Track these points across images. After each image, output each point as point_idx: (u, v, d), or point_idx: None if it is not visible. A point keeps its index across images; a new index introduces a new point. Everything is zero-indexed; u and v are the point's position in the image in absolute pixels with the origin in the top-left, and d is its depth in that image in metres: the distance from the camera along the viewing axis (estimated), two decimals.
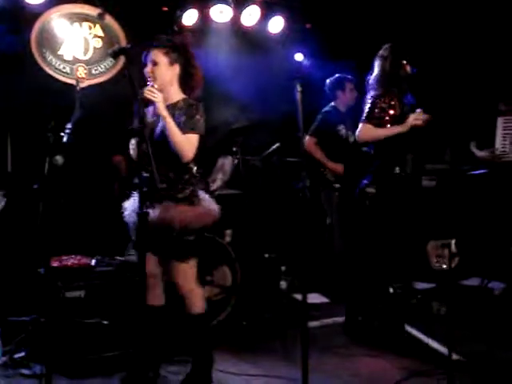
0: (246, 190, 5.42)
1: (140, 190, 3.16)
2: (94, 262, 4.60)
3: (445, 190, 5.50)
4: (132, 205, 3.86)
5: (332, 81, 6.43)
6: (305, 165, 4.00)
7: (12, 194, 4.61)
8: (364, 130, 4.82)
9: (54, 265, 4.40)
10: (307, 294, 3.56)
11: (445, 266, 5.23)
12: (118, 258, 4.75)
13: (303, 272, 3.87)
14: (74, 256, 4.64)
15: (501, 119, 5.39)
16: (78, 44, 6.07)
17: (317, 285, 6.10)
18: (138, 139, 3.48)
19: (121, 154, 5.61)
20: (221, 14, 6.47)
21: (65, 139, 3.90)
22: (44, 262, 3.98)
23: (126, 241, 4.78)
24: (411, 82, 4.89)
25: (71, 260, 4.56)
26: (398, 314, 4.79)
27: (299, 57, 6.87)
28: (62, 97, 5.24)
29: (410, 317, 4.89)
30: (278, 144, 5.86)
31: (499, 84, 5.87)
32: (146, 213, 3.19)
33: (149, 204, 3.62)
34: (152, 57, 3.81)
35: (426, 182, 5.48)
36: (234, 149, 5.50)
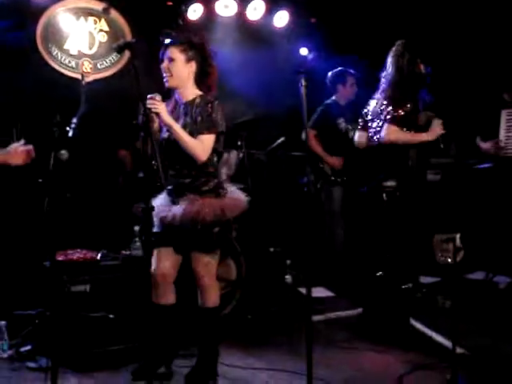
0: (251, 184, 5.43)
1: (145, 183, 3.17)
2: (99, 256, 4.62)
3: (450, 184, 5.49)
4: (159, 202, 3.82)
5: (333, 74, 6.41)
6: (309, 159, 4.00)
7: (18, 189, 4.63)
8: (391, 132, 4.72)
9: (60, 259, 4.42)
10: (312, 288, 3.57)
11: (450, 260, 5.22)
12: (123, 251, 4.77)
13: (308, 266, 3.87)
14: (79, 250, 4.66)
15: (505, 112, 5.38)
16: (84, 38, 6.08)
17: (322, 279, 6.10)
18: (143, 134, 3.49)
19: (126, 149, 5.64)
20: (226, 8, 6.49)
21: (70, 133, 3.91)
22: (50, 255, 4.00)
23: (132, 235, 4.81)
24: (426, 81, 4.84)
25: (77, 254, 4.58)
26: (403, 308, 4.79)
27: (304, 51, 6.87)
28: (68, 91, 5.25)
29: (414, 310, 4.89)
30: (283, 138, 5.87)
31: (504, 77, 5.85)
32: (151, 207, 3.21)
33: (175, 200, 3.65)
34: (169, 53, 3.82)
35: (431, 176, 5.47)
36: (239, 143, 5.51)
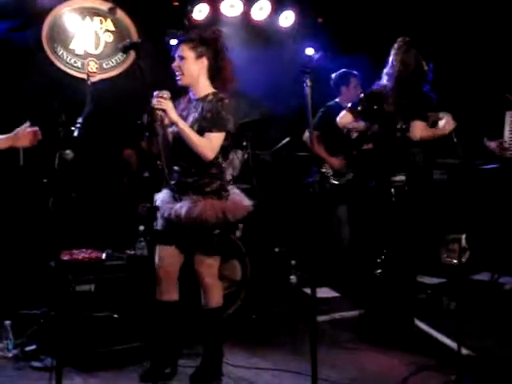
0: (256, 185, 5.42)
1: (150, 183, 3.18)
2: (104, 256, 4.62)
3: (456, 185, 5.48)
4: (161, 197, 3.85)
5: (337, 76, 6.38)
6: (315, 159, 3.99)
7: (23, 188, 4.64)
8: (421, 129, 4.65)
9: (65, 258, 4.42)
10: (317, 289, 3.57)
11: (455, 261, 5.21)
12: (128, 251, 4.77)
13: (313, 266, 3.87)
14: (84, 250, 4.67)
15: (509, 113, 5.35)
16: (89, 38, 6.08)
17: (327, 279, 6.09)
18: (149, 134, 3.49)
19: (131, 148, 5.64)
20: (231, 8, 6.48)
21: (75, 133, 3.91)
22: (55, 255, 4.00)
23: (136, 234, 4.81)
24: (429, 77, 4.81)
25: (82, 254, 4.59)
26: (408, 309, 4.78)
27: (310, 51, 6.85)
28: (73, 91, 5.25)
29: (419, 311, 4.89)
30: (288, 138, 5.86)
31: (510, 78, 5.83)
32: (156, 207, 3.21)
33: (178, 197, 3.66)
34: (179, 52, 3.83)
35: (438, 175, 5.47)
36: (244, 143, 5.49)
